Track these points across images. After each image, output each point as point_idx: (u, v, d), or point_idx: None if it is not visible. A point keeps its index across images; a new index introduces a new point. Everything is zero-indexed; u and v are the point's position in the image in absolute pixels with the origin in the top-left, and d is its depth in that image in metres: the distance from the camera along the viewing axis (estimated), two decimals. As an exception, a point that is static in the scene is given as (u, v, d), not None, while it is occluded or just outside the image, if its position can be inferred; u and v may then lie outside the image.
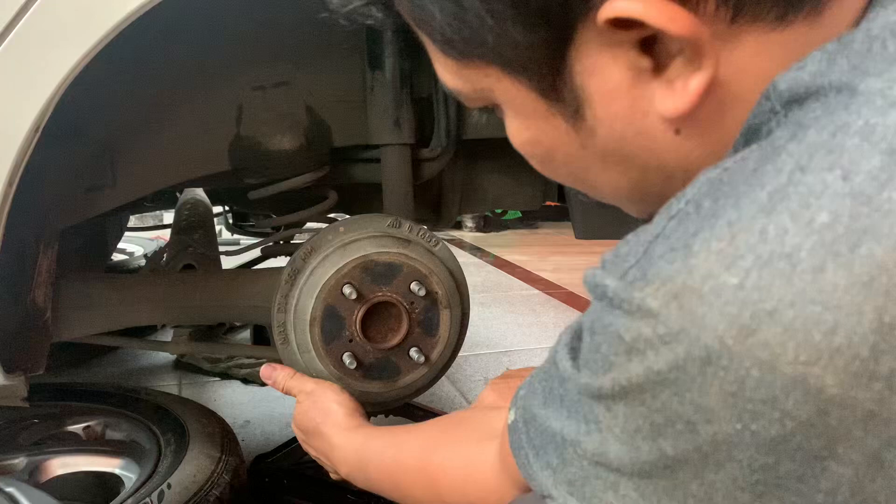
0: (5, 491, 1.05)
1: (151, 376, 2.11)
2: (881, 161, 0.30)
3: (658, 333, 0.33)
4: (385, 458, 0.79)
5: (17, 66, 0.74)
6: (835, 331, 0.29)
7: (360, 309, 1.02)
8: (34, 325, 0.99)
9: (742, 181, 0.34)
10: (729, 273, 0.31)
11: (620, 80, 0.40)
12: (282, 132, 1.16)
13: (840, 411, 0.30)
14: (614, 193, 0.50)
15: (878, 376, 0.29)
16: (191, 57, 1.07)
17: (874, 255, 0.29)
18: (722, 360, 0.31)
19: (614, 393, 0.36)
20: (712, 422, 0.33)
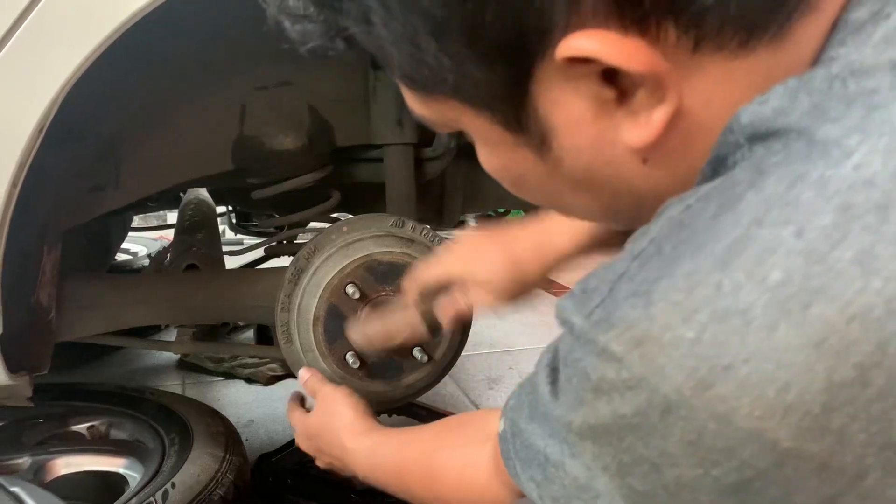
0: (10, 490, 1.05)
1: (155, 376, 2.11)
2: (833, 218, 0.30)
3: (622, 378, 0.34)
4: (392, 462, 0.80)
5: (21, 67, 0.75)
6: (787, 388, 0.30)
7: (364, 308, 1.02)
8: (38, 325, 1.00)
9: (702, 229, 0.34)
10: (686, 326, 0.32)
11: (584, 111, 0.40)
12: (285, 132, 1.16)
13: (795, 462, 0.31)
14: (589, 216, 0.50)
15: (829, 431, 0.30)
16: (193, 57, 1.07)
17: (825, 315, 0.30)
18: (681, 411, 0.33)
19: (583, 431, 0.38)
20: (675, 465, 0.34)
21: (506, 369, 2.15)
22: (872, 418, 0.30)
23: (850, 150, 0.31)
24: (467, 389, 1.97)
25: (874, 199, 0.30)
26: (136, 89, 1.05)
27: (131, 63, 0.90)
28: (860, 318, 0.29)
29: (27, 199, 0.80)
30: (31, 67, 0.75)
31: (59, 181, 0.98)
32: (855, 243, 0.30)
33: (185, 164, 1.15)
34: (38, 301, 0.99)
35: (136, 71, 1.01)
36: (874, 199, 0.30)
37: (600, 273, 0.38)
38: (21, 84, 0.75)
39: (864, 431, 0.30)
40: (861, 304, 0.29)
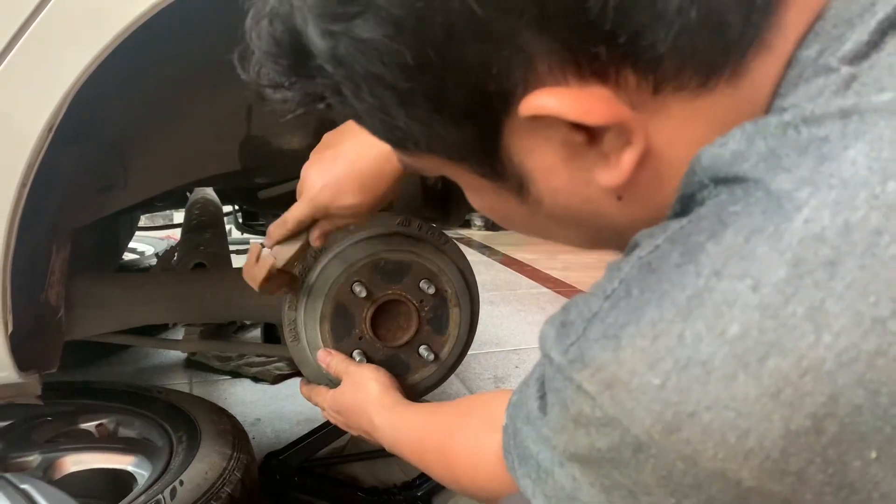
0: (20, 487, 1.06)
1: (162, 375, 2.12)
2: (786, 273, 0.32)
3: (596, 416, 0.37)
4: (413, 440, 0.85)
5: (31, 68, 0.75)
6: (747, 435, 0.32)
7: (370, 307, 1.03)
8: (47, 324, 1.00)
9: (666, 276, 0.36)
10: (652, 373, 0.34)
11: (557, 156, 0.41)
12: (291, 131, 1.17)
13: (758, 499, 0.33)
14: (579, 245, 0.52)
15: (788, 473, 0.32)
16: (201, 57, 1.08)
17: (780, 368, 0.32)
18: (652, 450, 0.35)
19: (567, 455, 0.40)
20: (650, 494, 0.36)
21: (512, 368, 2.15)
22: (828, 462, 0.32)
23: (801, 204, 0.32)
24: (474, 388, 1.98)
25: (823, 254, 0.31)
26: (144, 89, 1.06)
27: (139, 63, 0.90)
28: (813, 372, 0.31)
29: (36, 199, 0.81)
30: (40, 68, 0.75)
31: (67, 181, 0.99)
32: (806, 299, 0.31)
33: (192, 163, 1.15)
34: (47, 300, 0.99)
35: (144, 71, 1.01)
36: (823, 254, 0.31)
37: (578, 307, 0.40)
38: (30, 84, 0.76)
39: (821, 472, 0.32)
40: (813, 358, 0.31)
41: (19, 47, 0.74)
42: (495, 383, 2.02)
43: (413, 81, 0.39)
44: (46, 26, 0.74)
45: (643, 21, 0.36)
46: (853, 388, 0.31)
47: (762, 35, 0.38)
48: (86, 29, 0.75)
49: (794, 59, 0.39)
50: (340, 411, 0.99)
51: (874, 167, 0.32)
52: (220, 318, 1.59)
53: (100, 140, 1.05)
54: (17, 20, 0.73)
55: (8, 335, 0.85)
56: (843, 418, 0.31)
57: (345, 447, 1.53)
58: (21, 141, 0.77)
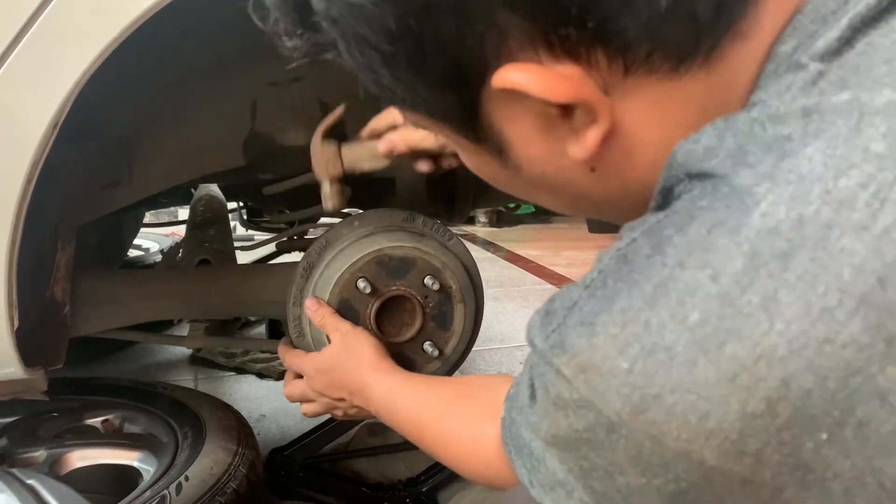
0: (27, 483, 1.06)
1: (168, 371, 2.13)
2: (743, 264, 0.34)
3: (573, 398, 0.39)
4: (409, 411, 0.85)
5: (35, 65, 0.75)
6: (707, 417, 0.34)
7: (375, 303, 1.03)
8: (53, 320, 1.00)
9: (637, 266, 0.38)
10: (621, 357, 0.37)
11: (533, 126, 0.43)
12: (296, 128, 1.17)
13: (721, 478, 0.35)
14: (560, 210, 0.54)
15: (747, 453, 0.34)
16: (205, 53, 1.08)
17: (737, 354, 0.33)
18: (622, 430, 0.37)
19: (549, 438, 0.43)
20: (623, 474, 0.38)
21: (516, 364, 2.15)
22: (783, 443, 0.34)
23: (759, 199, 0.34)
24: (478, 384, 1.98)
25: (778, 246, 0.33)
26: (149, 86, 1.06)
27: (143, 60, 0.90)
28: (766, 358, 0.33)
29: (41, 196, 0.81)
30: (44, 65, 0.75)
31: (72, 178, 0.99)
32: (761, 289, 0.33)
33: (197, 160, 1.15)
34: (52, 296, 1.00)
35: (149, 67, 1.01)
36: (778, 246, 0.33)
37: (562, 297, 0.43)
38: (35, 81, 0.76)
39: (777, 453, 0.34)
40: (766, 345, 0.33)
41: (23, 44, 0.74)
42: (500, 379, 2.02)
43: (395, 46, 0.41)
44: (50, 23, 0.74)
45: (613, 6, 0.37)
46: (803, 374, 0.33)
47: (736, 25, 0.39)
48: (90, 26, 0.75)
49: (773, 53, 0.40)
50: (327, 370, 0.96)
51: (829, 164, 0.33)
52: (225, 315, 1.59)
53: (104, 137, 1.05)
54: (21, 17, 0.73)
55: (14, 331, 0.85)
56: (794, 402, 0.33)
57: (349, 443, 1.54)
58: (26, 138, 0.77)
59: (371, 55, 0.42)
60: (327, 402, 0.98)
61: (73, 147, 0.89)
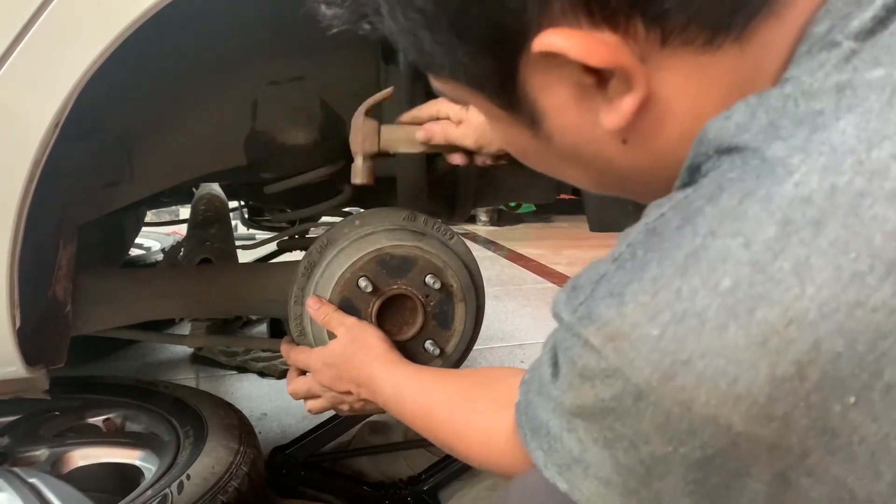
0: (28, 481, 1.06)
1: (169, 370, 2.13)
2: (776, 231, 0.35)
3: (601, 367, 0.39)
4: (419, 403, 0.85)
5: (37, 64, 0.75)
6: (736, 381, 0.35)
7: (376, 301, 1.03)
8: (55, 319, 1.01)
9: (667, 237, 0.39)
10: (652, 325, 0.37)
11: (568, 95, 0.44)
12: (297, 127, 1.17)
13: (747, 443, 0.36)
14: (584, 186, 0.55)
15: (774, 417, 0.35)
16: (206, 52, 1.08)
17: (767, 319, 0.34)
18: (650, 397, 0.37)
19: (574, 410, 0.43)
20: (648, 443, 0.39)
21: (517, 363, 2.15)
22: (811, 406, 0.34)
23: (793, 169, 0.35)
24: (479, 383, 1.98)
25: (810, 214, 0.34)
26: (150, 85, 1.06)
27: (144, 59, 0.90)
28: (797, 322, 0.34)
29: (43, 195, 0.81)
30: (45, 64, 0.75)
31: (74, 176, 0.99)
32: (792, 255, 0.34)
33: (198, 159, 1.15)
34: (54, 295, 1.00)
35: (149, 66, 1.01)
36: (810, 214, 0.34)
37: (588, 272, 0.43)
38: (36, 80, 0.76)
39: (805, 417, 0.35)
40: (798, 309, 0.34)
41: (25, 44, 0.74)
42: (501, 378, 2.02)
43: (439, 7, 0.42)
44: (51, 22, 0.74)
45: None
46: (833, 337, 0.33)
47: (771, 3, 0.41)
48: (91, 25, 0.75)
49: (806, 34, 0.40)
50: (333, 363, 0.97)
51: (861, 136, 0.34)
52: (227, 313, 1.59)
53: (105, 136, 1.05)
54: (23, 17, 0.73)
55: (15, 330, 0.85)
56: (824, 365, 0.33)
57: (351, 442, 1.54)
58: (27, 137, 0.77)
59: (414, 17, 0.43)
60: (333, 396, 0.98)
61: (74, 146, 0.89)
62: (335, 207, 1.29)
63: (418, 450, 1.47)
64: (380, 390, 0.90)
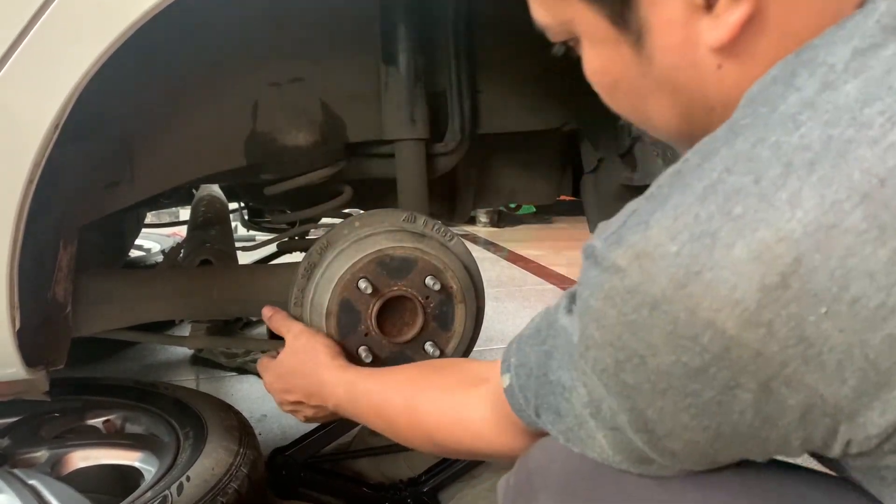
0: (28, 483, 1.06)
1: (169, 371, 2.13)
2: (780, 171, 0.41)
3: (625, 285, 0.45)
4: (374, 397, 0.85)
5: (37, 65, 0.75)
6: (735, 289, 0.41)
7: (376, 303, 1.03)
8: (55, 321, 1.00)
9: (688, 174, 0.45)
10: (672, 243, 0.43)
11: (677, 13, 0.48)
12: (297, 128, 1.17)
13: (737, 349, 0.42)
14: (665, 125, 0.57)
15: (761, 324, 0.41)
16: (206, 54, 1.08)
17: (764, 238, 0.41)
18: (663, 306, 0.43)
19: (590, 337, 0.48)
20: (656, 355, 0.44)
21: (518, 364, 2.15)
22: (790, 316, 0.40)
23: (800, 124, 0.42)
24: (479, 384, 1.97)
25: (808, 157, 0.41)
26: (150, 86, 1.06)
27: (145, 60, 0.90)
28: (785, 239, 0.40)
29: (43, 196, 0.81)
30: (46, 65, 0.76)
31: (74, 178, 0.99)
32: (790, 188, 0.41)
33: (199, 160, 1.15)
34: (54, 296, 1.00)
35: (150, 68, 1.01)
36: (808, 157, 0.41)
37: (621, 212, 0.48)
38: (37, 81, 0.76)
39: (784, 326, 0.41)
40: (787, 229, 0.40)
41: (25, 44, 0.74)
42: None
43: None
44: (52, 23, 0.74)
45: None
46: (812, 253, 0.40)
47: None
48: (91, 26, 0.75)
49: None
50: (282, 374, 0.98)
51: (860, 98, 0.41)
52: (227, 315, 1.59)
53: (106, 137, 1.05)
54: (23, 18, 0.73)
55: (16, 331, 0.85)
56: (803, 276, 0.40)
57: (351, 443, 1.54)
58: (27, 138, 0.77)
59: None
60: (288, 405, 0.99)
61: (74, 147, 0.89)
62: (335, 209, 1.29)
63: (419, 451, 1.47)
64: (331, 395, 0.90)
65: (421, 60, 1.19)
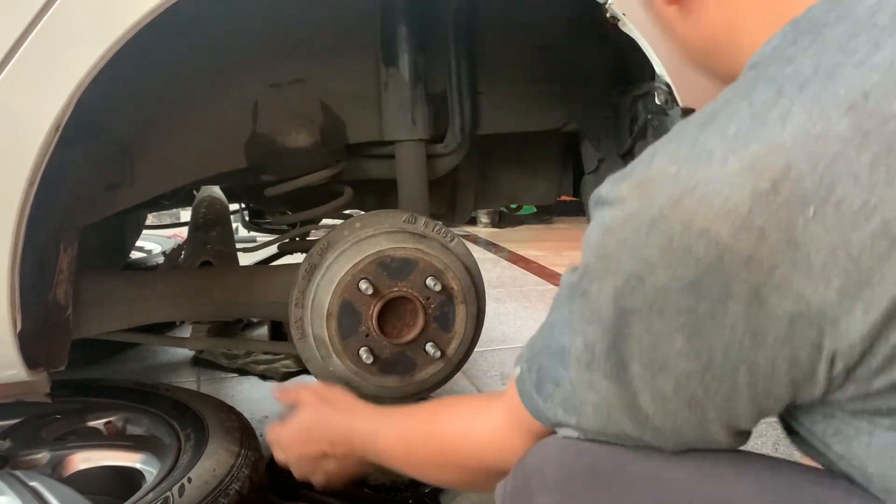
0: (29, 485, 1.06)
1: (170, 372, 2.13)
2: (773, 94, 0.46)
3: (624, 213, 0.48)
4: (399, 426, 0.83)
5: (37, 67, 0.75)
6: (728, 199, 0.44)
7: (377, 304, 1.03)
8: (55, 322, 1.00)
9: (697, 114, 0.50)
10: (672, 166, 0.47)
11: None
12: (297, 129, 1.17)
13: (730, 256, 0.44)
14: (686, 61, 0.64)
15: (753, 228, 0.44)
16: (207, 55, 1.08)
17: (756, 151, 0.44)
18: (661, 223, 0.46)
19: (593, 269, 0.51)
20: (653, 273, 0.47)
21: (519, 365, 2.15)
22: (780, 219, 0.43)
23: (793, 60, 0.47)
24: (480, 385, 1.97)
25: (798, 81, 0.45)
26: (150, 88, 1.06)
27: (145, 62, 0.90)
28: (776, 150, 0.44)
29: (44, 198, 0.81)
30: (46, 67, 0.76)
31: (75, 179, 0.99)
32: (781, 107, 0.45)
33: (199, 161, 1.15)
34: (55, 298, 1.00)
35: (150, 69, 1.01)
36: (798, 81, 0.45)
37: (640, 156, 0.51)
38: (37, 83, 0.76)
39: (775, 230, 0.43)
40: (778, 141, 0.44)
41: (26, 47, 0.74)
42: (502, 380, 2.01)
43: None
44: (53, 26, 0.74)
45: None
46: (801, 161, 0.43)
47: None
48: (92, 28, 0.75)
49: None
50: (302, 427, 0.94)
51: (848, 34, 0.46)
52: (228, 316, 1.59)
53: (106, 139, 1.05)
54: (24, 19, 0.73)
55: (16, 333, 0.85)
56: (792, 181, 0.43)
57: (352, 444, 1.54)
58: (28, 140, 0.77)
59: None
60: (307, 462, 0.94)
61: (75, 149, 0.89)
62: (336, 210, 1.29)
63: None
64: (358, 435, 0.87)
65: (421, 61, 1.19)
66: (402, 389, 1.11)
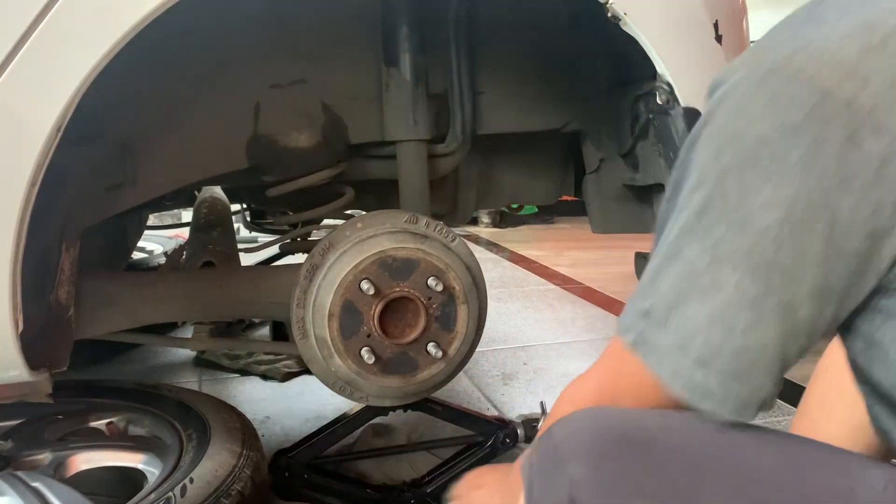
0: (32, 485, 1.06)
1: (172, 373, 2.13)
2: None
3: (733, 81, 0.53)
4: None
5: (39, 68, 0.75)
6: (838, 52, 0.49)
7: (378, 304, 1.03)
8: (57, 323, 1.01)
9: None
10: (785, 32, 0.54)
11: None
12: (299, 129, 1.17)
13: (832, 100, 0.48)
14: None
15: (856, 76, 0.48)
16: (208, 56, 1.08)
17: (870, 14, 0.49)
18: (769, 78, 0.51)
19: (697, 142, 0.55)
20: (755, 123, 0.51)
21: (520, 365, 2.15)
22: (885, 67, 0.48)
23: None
24: (482, 385, 1.97)
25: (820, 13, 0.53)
26: (152, 88, 1.06)
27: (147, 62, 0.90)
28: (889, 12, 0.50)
29: (45, 199, 0.81)
30: (48, 68, 0.76)
31: (76, 180, 0.99)
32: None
33: (201, 162, 1.15)
34: (57, 299, 1.00)
35: (152, 70, 1.01)
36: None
37: None
38: (39, 84, 0.76)
39: (878, 77, 0.48)
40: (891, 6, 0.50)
41: (27, 48, 0.74)
42: (503, 380, 2.01)
43: None
44: (54, 26, 0.74)
45: None
46: None
47: None
48: (93, 29, 0.75)
49: None
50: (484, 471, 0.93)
51: None
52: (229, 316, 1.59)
53: (108, 139, 1.05)
54: (26, 20, 0.73)
55: (18, 334, 0.85)
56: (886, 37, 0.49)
57: (354, 444, 1.54)
58: (30, 140, 0.77)
59: None
60: None
61: (76, 150, 0.89)
62: (337, 210, 1.29)
63: (421, 452, 1.47)
64: None
65: (422, 62, 1.19)
66: (404, 389, 1.11)
